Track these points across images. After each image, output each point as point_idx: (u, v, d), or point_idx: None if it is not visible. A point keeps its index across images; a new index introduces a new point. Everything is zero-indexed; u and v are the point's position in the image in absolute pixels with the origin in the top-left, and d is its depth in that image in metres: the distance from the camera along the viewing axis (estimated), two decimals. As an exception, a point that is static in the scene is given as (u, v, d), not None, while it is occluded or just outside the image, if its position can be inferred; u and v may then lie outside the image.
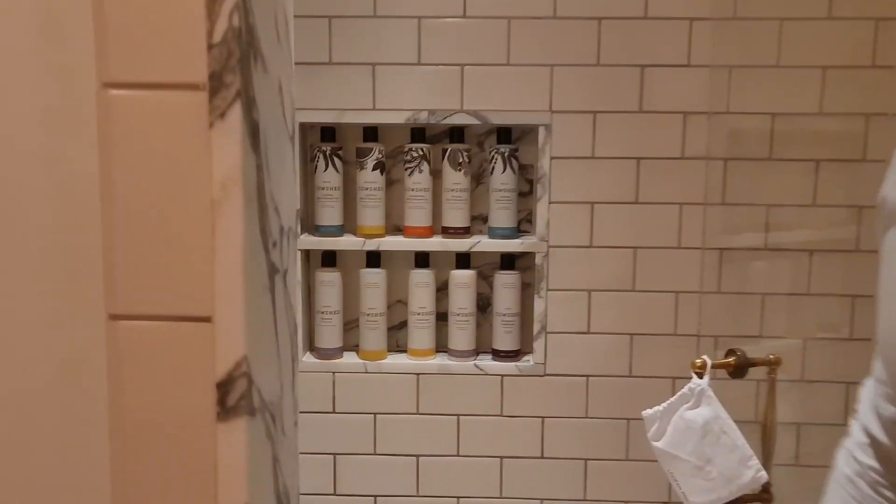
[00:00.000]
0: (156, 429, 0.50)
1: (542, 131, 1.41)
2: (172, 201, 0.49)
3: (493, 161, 1.44)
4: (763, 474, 1.10)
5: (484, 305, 1.54)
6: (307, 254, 1.51)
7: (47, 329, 0.49)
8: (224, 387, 0.50)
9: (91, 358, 0.49)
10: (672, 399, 1.12)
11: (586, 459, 1.48)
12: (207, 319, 0.50)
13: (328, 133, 1.46)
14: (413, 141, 1.45)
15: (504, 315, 1.47)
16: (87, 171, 0.48)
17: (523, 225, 1.52)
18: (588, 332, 1.46)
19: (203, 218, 0.49)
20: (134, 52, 0.47)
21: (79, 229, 0.48)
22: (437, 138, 1.49)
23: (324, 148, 1.44)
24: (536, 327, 1.46)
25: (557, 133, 1.41)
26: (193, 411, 0.50)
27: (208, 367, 0.50)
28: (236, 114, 0.49)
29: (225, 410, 0.50)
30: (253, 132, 0.51)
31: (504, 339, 1.48)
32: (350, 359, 1.50)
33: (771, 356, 1.14)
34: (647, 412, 1.14)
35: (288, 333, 0.61)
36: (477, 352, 1.51)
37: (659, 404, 1.20)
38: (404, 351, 1.52)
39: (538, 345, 1.46)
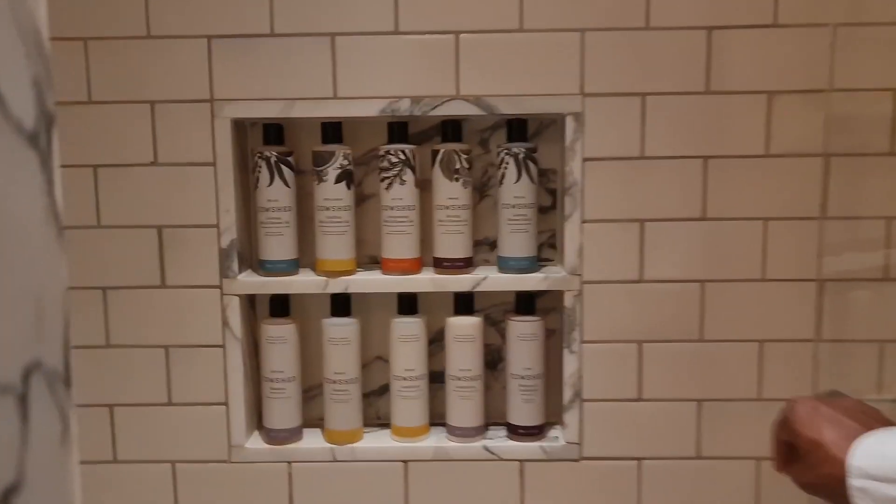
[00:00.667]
0: None
1: (570, 123, 1.05)
2: None
3: (503, 166, 1.07)
4: None
5: (494, 362, 1.18)
6: (251, 300, 1.14)
7: None
8: None
9: None
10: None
11: (641, 574, 1.11)
12: None
13: (273, 132, 1.09)
14: (391, 141, 1.08)
15: (522, 377, 1.10)
16: None
17: (546, 252, 1.15)
18: (639, 399, 1.09)
19: None
20: None
21: None
22: (424, 136, 1.13)
23: (267, 154, 1.07)
24: (567, 393, 1.09)
25: (592, 125, 1.04)
26: None
27: None
28: None
29: None
30: None
31: (523, 409, 1.11)
32: (312, 441, 1.13)
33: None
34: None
35: None
36: (486, 427, 1.14)
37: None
38: (387, 426, 1.15)
39: (570, 417, 1.09)
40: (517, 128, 1.08)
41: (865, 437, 0.61)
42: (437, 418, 1.15)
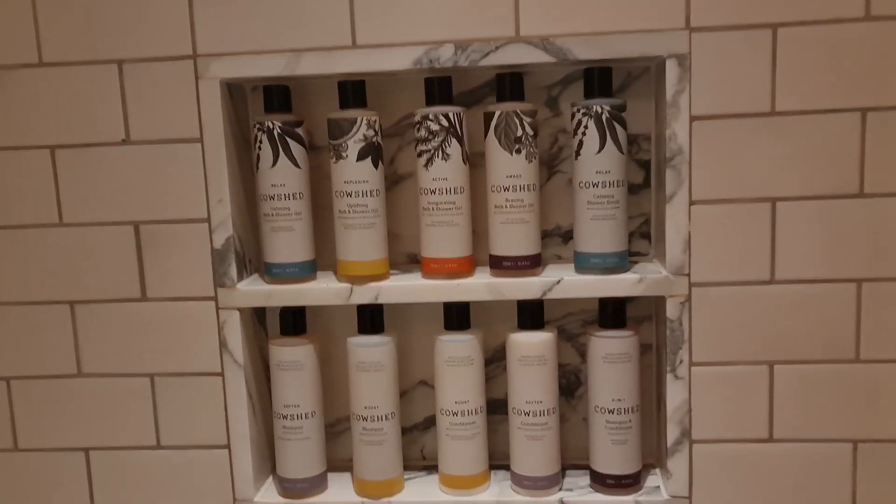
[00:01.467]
0: None
1: (672, 68, 0.80)
2: None
3: (581, 131, 0.83)
4: None
5: (571, 388, 0.94)
6: (257, 315, 0.93)
7: None
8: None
9: None
10: None
11: None
12: None
13: (276, 96, 0.87)
14: (431, 103, 0.85)
15: (611, 411, 0.86)
16: None
17: (637, 244, 0.91)
18: (770, 440, 0.84)
19: None
20: None
21: None
22: (474, 95, 0.90)
23: (269, 124, 0.85)
24: (672, 432, 0.85)
25: (703, 70, 0.79)
26: None
27: None
28: None
29: None
30: None
31: (612, 453, 0.87)
32: (339, 492, 0.92)
33: None
34: None
35: None
36: (563, 473, 0.90)
37: None
38: (435, 469, 0.92)
39: (676, 463, 0.85)
40: (599, 79, 0.83)
41: None
42: (498, 459, 0.92)
